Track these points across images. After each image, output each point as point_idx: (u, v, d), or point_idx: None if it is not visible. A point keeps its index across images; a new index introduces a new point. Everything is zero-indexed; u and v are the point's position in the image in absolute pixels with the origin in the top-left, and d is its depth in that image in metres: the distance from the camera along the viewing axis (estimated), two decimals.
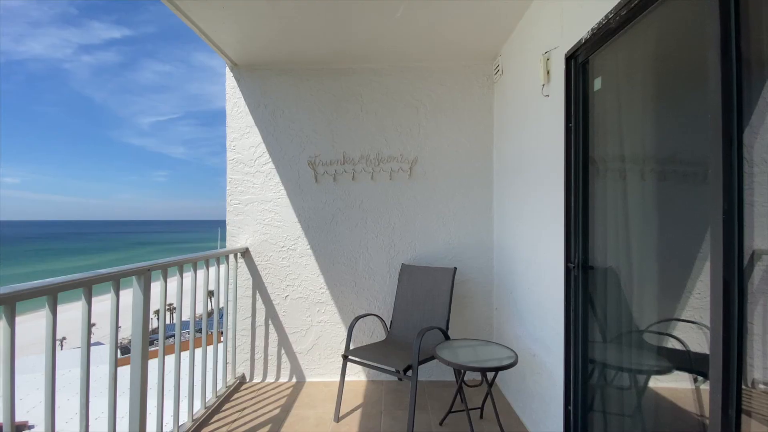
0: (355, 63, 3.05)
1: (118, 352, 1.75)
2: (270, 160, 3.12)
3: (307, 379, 3.07)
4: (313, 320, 3.08)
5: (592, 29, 1.58)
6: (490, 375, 2.31)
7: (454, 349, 2.26)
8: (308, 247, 3.11)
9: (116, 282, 1.67)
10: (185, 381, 2.27)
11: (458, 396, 2.25)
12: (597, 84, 1.71)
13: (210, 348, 2.59)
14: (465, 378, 2.24)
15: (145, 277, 1.82)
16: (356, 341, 3.02)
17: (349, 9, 2.29)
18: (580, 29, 1.69)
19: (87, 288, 1.50)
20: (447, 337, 2.51)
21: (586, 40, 1.65)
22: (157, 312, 1.87)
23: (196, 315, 2.39)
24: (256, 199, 3.12)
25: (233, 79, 3.11)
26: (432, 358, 2.28)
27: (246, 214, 3.12)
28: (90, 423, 1.52)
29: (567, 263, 1.83)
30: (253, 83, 3.11)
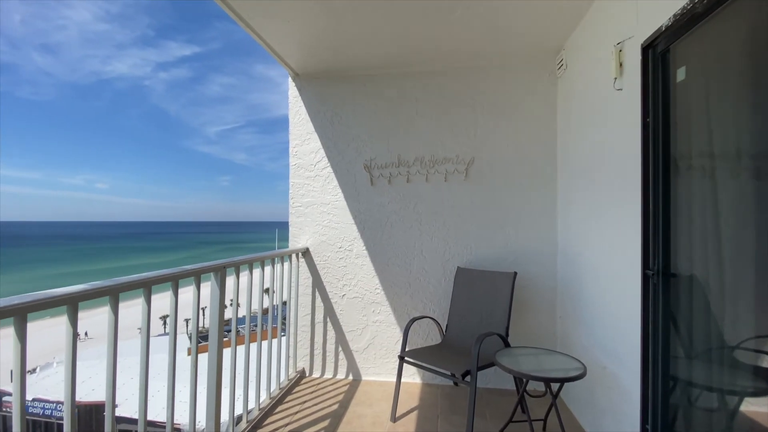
0: (410, 66, 3.06)
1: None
2: (328, 164, 3.24)
3: (363, 378, 3.13)
4: (368, 320, 3.14)
5: (675, 15, 1.45)
6: (554, 386, 2.19)
7: (516, 356, 2.18)
8: (364, 248, 3.18)
9: (197, 277, 1.84)
10: (251, 371, 2.43)
11: (519, 406, 2.17)
12: (680, 74, 1.56)
13: (274, 341, 2.74)
14: (527, 388, 2.15)
15: (221, 274, 1.98)
16: (411, 343, 3.03)
17: (407, 14, 2.32)
18: (659, 16, 1.56)
19: (174, 282, 1.67)
20: (507, 344, 2.43)
21: (667, 28, 1.51)
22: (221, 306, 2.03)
23: (262, 310, 2.55)
24: (316, 202, 3.26)
25: (295, 88, 3.28)
26: (491, 364, 2.23)
27: (306, 216, 3.27)
28: (172, 406, 1.68)
29: (645, 270, 1.69)
30: (313, 91, 3.26)
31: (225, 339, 2.09)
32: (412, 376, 3.05)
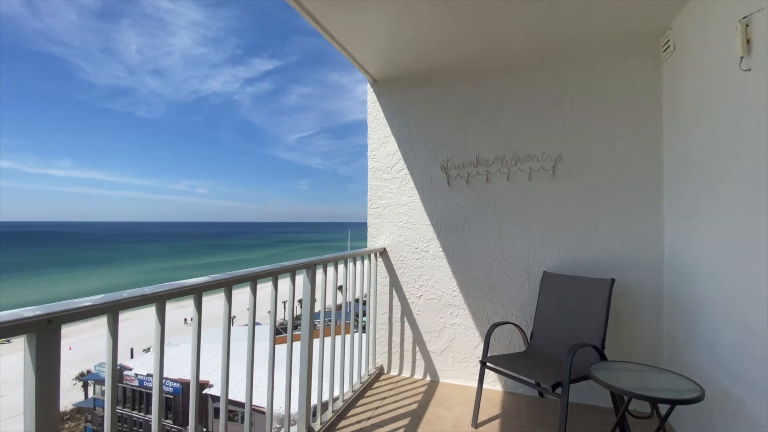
0: (490, 62, 2.96)
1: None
2: (405, 166, 3.28)
3: (441, 380, 3.11)
4: (446, 322, 3.11)
5: None
6: (663, 408, 1.95)
7: (615, 371, 1.99)
8: (440, 249, 3.16)
9: (293, 273, 2.00)
10: (328, 364, 2.55)
11: (619, 426, 1.97)
12: None
13: (355, 336, 2.86)
14: (629, 407, 1.94)
15: (311, 271, 2.12)
16: (492, 349, 2.93)
17: (492, 10, 2.25)
18: None
19: (274, 277, 1.84)
20: (603, 357, 2.22)
21: None
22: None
23: (345, 306, 2.67)
24: (393, 203, 3.32)
25: (373, 94, 3.38)
26: (585, 378, 2.06)
27: (384, 217, 3.34)
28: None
29: None
30: (390, 96, 3.33)
31: (298, 333, 2.22)
32: (493, 383, 2.95)
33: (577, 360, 2.11)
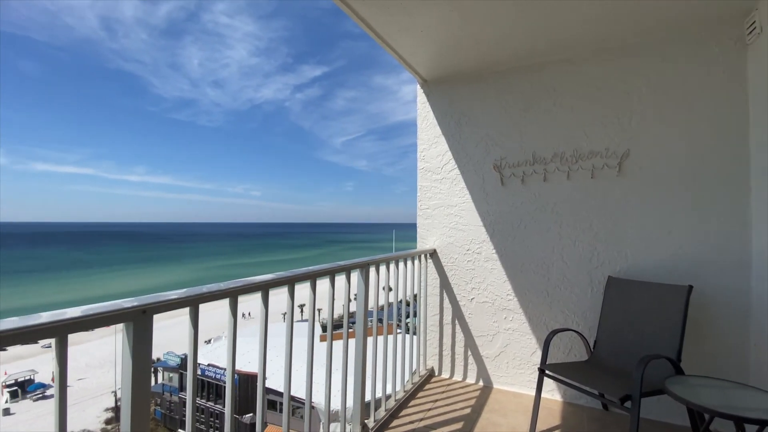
0: (546, 56, 2.83)
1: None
2: (455, 166, 3.24)
3: (495, 386, 3.02)
4: (500, 326, 3.02)
5: None
6: (750, 429, 1.75)
7: (693, 386, 1.81)
8: (494, 251, 3.07)
9: (347, 272, 2.06)
10: (381, 363, 2.57)
11: None
12: None
13: (407, 337, 2.87)
14: (710, 427, 1.76)
15: (365, 270, 2.17)
16: (550, 356, 2.79)
17: (548, 2, 2.16)
18: None
19: (331, 276, 1.90)
20: (678, 371, 2.04)
21: None
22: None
23: (396, 306, 2.69)
24: (443, 204, 3.29)
25: (423, 95, 3.38)
26: (658, 392, 1.90)
27: (434, 218, 3.32)
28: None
29: None
30: (441, 96, 3.30)
31: (350, 330, 2.26)
32: (552, 392, 2.81)
33: (648, 372, 1.95)
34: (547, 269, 2.86)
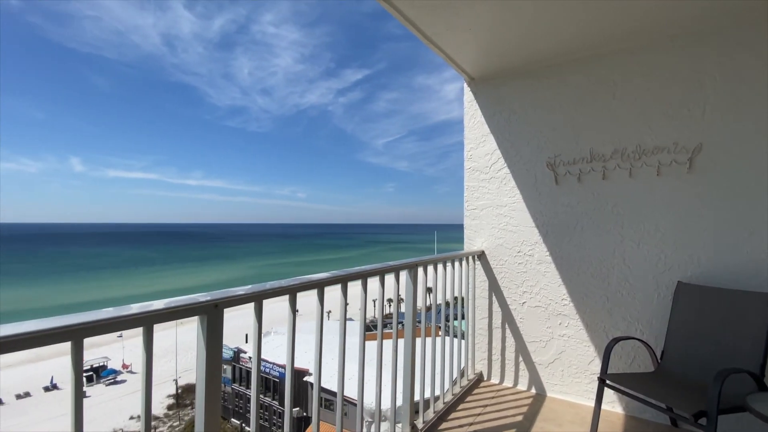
0: (605, 46, 2.66)
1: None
2: (505, 165, 3.15)
3: (548, 394, 2.89)
4: (554, 332, 2.88)
5: None
6: None
7: None
8: (547, 253, 2.94)
9: (396, 272, 2.07)
10: (429, 365, 2.55)
11: None
12: None
13: (455, 340, 2.83)
14: None
15: (414, 271, 2.17)
16: (611, 366, 2.62)
17: None
18: None
19: (381, 276, 1.93)
20: (762, 387, 1.83)
21: None
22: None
23: (444, 308, 2.66)
24: (491, 204, 3.20)
25: (470, 93, 3.31)
26: (738, 408, 1.72)
27: (482, 219, 3.25)
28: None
29: None
30: (488, 93, 3.22)
31: (388, 331, 2.26)
32: (612, 404, 2.64)
33: (726, 387, 1.77)
34: (606, 273, 2.69)
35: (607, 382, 2.16)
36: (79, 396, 0.89)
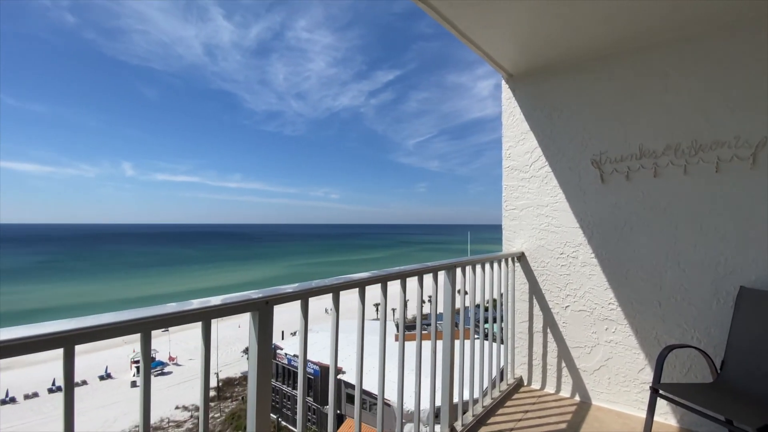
0: (655, 36, 2.51)
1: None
2: (546, 163, 3.04)
3: (593, 402, 2.77)
4: (600, 338, 2.76)
5: None
6: None
7: None
8: (592, 255, 2.81)
9: (435, 273, 2.07)
10: (468, 367, 2.51)
11: None
12: None
13: (494, 344, 2.77)
14: None
15: (452, 272, 2.15)
16: (664, 375, 2.46)
17: None
18: None
19: (420, 276, 1.93)
20: None
21: None
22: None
23: (470, 309, 2.62)
24: (531, 204, 3.11)
25: (508, 90, 3.24)
26: None
27: (521, 219, 3.16)
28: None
29: None
30: (528, 89, 3.13)
31: (423, 333, 2.24)
32: (665, 416, 2.48)
33: None
34: (659, 277, 2.53)
35: (661, 392, 2.04)
36: (147, 384, 0.97)
